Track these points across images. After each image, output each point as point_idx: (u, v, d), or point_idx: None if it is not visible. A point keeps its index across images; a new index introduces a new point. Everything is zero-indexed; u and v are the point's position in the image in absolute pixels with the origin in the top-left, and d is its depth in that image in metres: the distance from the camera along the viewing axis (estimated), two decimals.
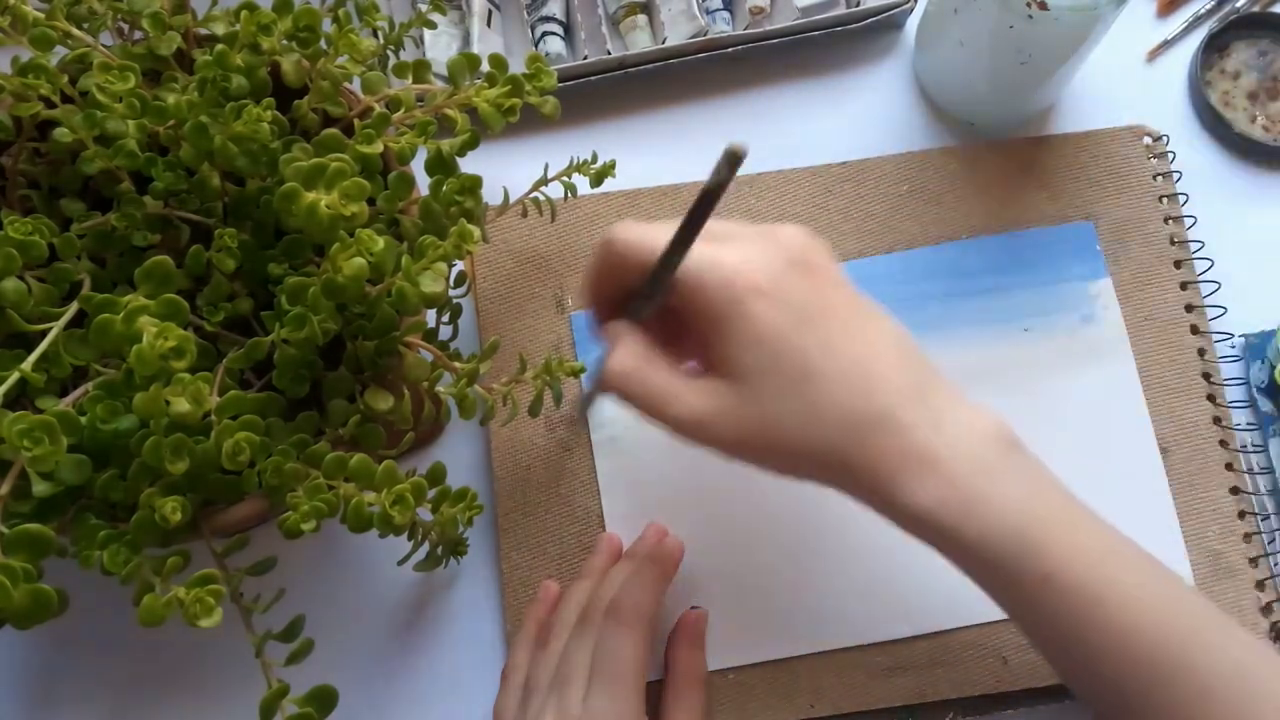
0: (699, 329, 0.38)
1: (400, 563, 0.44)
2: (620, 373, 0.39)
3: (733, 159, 0.32)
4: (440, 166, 0.43)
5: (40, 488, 0.35)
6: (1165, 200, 0.55)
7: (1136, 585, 0.36)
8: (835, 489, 0.38)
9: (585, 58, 0.55)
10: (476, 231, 0.38)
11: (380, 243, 0.36)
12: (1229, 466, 0.51)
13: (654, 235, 0.37)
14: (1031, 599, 0.36)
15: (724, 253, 0.37)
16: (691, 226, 0.35)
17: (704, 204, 0.34)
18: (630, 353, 0.39)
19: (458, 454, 0.53)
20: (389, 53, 0.46)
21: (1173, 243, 0.55)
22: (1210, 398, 0.52)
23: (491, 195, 0.45)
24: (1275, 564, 0.50)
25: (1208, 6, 0.60)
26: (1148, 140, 0.56)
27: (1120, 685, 0.36)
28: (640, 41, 0.57)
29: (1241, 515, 0.50)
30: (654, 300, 0.38)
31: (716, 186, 0.33)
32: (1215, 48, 0.58)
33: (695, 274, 0.36)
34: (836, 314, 0.37)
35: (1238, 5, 0.59)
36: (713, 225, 0.35)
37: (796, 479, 0.39)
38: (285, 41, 0.41)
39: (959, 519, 0.36)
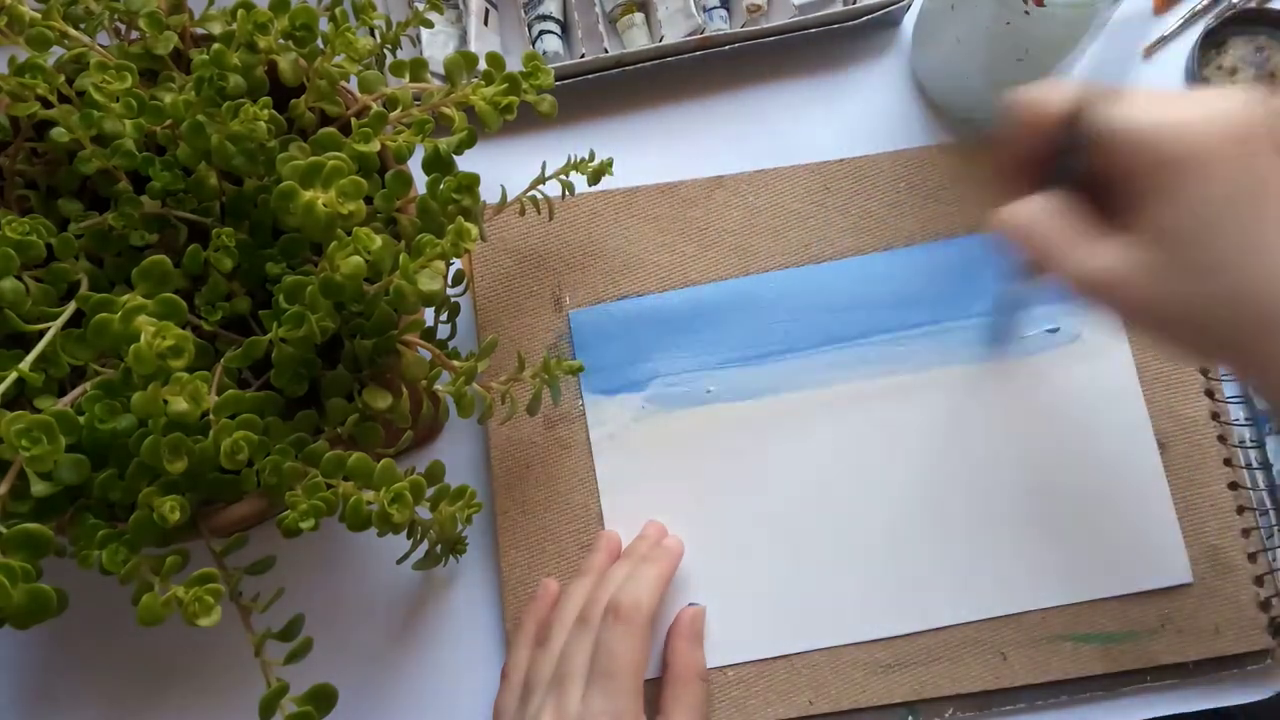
0: (1121, 190, 0.36)
1: (399, 561, 0.44)
2: (1028, 216, 0.37)
3: None
4: (438, 165, 0.43)
5: (39, 487, 0.35)
6: None
7: None
8: (1232, 372, 0.37)
9: (582, 56, 0.55)
10: (474, 230, 0.39)
11: (378, 241, 0.36)
12: (1227, 462, 0.51)
13: (1054, 93, 0.36)
14: None
15: (1168, 109, 0.35)
16: (1126, 61, 0.35)
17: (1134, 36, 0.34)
18: (1038, 200, 0.37)
19: (456, 452, 0.53)
20: (386, 51, 0.46)
21: None
22: (1208, 393, 0.52)
23: (489, 193, 0.45)
24: (1273, 559, 0.50)
25: (1204, 3, 0.60)
26: None
27: None
28: (637, 40, 0.57)
29: (1240, 511, 0.50)
30: (1071, 158, 0.36)
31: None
32: (1212, 44, 0.58)
33: (1135, 126, 0.35)
34: (1276, 197, 0.34)
35: (1234, 1, 0.59)
36: (1146, 90, 0.35)
37: (1189, 358, 0.37)
38: (282, 40, 0.41)
39: None
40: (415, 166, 0.44)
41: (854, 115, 0.58)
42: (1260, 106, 0.35)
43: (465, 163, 0.43)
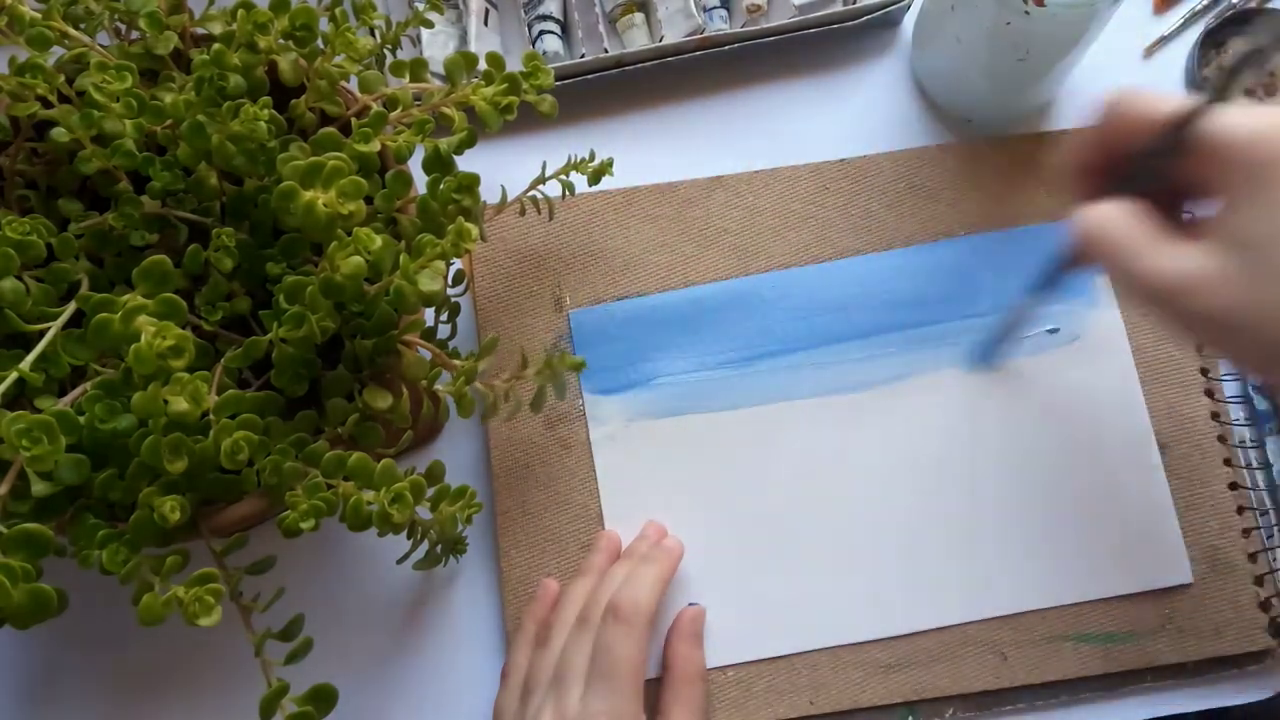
0: (1203, 194, 0.36)
1: (399, 561, 0.44)
2: (1098, 217, 0.36)
3: None
4: (438, 165, 0.43)
5: (39, 487, 0.35)
6: None
7: None
8: None
9: (582, 56, 0.55)
10: (474, 230, 0.39)
11: (378, 241, 0.37)
12: (1227, 462, 0.51)
13: (1161, 97, 0.36)
14: None
15: (1256, 114, 0.35)
16: (1226, 83, 0.34)
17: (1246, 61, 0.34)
18: (1111, 204, 0.37)
19: (457, 452, 0.53)
20: (386, 51, 0.46)
21: None
22: (1209, 393, 0.52)
23: (489, 193, 0.45)
24: (1273, 559, 0.50)
25: (1204, 3, 0.60)
26: None
27: None
28: (637, 40, 0.57)
29: (1240, 511, 0.50)
30: (1160, 162, 0.36)
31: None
32: (1212, 44, 0.58)
33: (1221, 132, 0.35)
34: None
35: (1234, 1, 0.59)
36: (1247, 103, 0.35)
37: (1260, 372, 0.36)
38: (282, 40, 0.41)
39: None
40: (415, 166, 0.44)
41: (854, 115, 0.58)
42: None
43: (465, 163, 0.43)
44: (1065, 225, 0.38)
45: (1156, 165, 0.37)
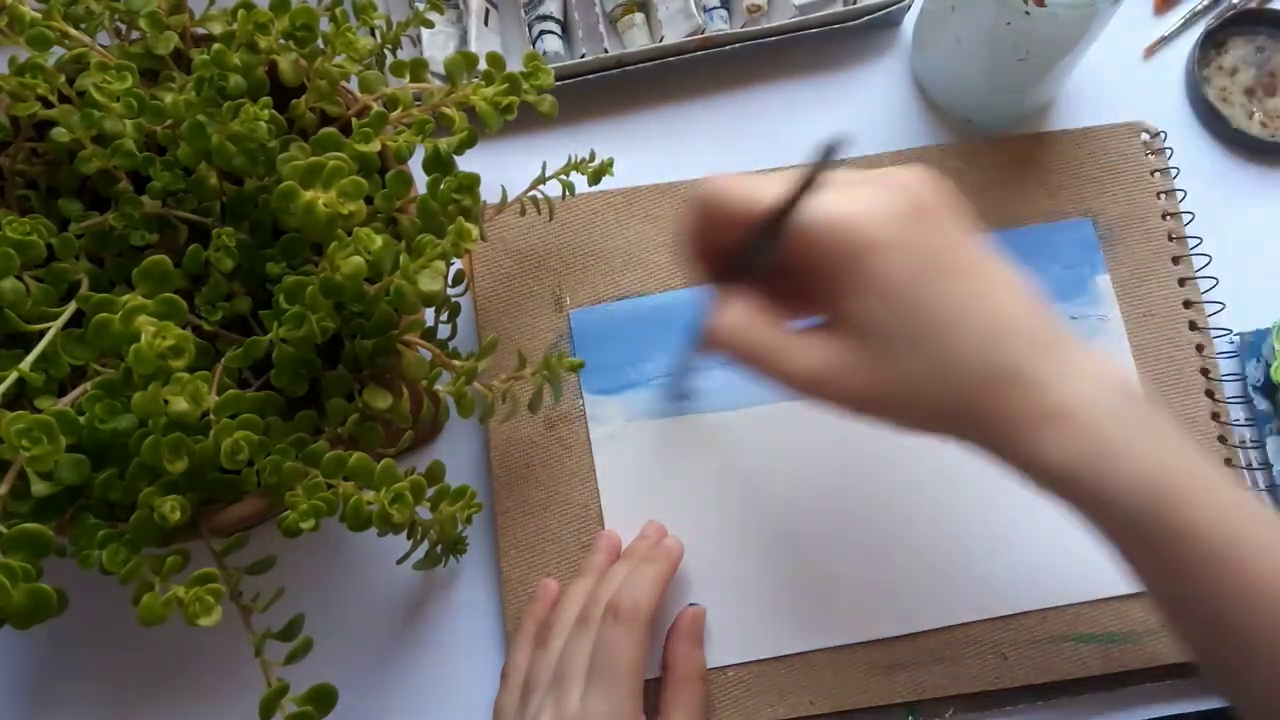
0: (814, 283, 0.36)
1: (399, 561, 0.44)
2: (726, 328, 0.37)
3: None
4: (438, 165, 0.43)
5: (39, 487, 0.35)
6: (1163, 196, 0.55)
7: (1274, 536, 0.34)
8: (962, 443, 0.36)
9: (583, 56, 0.55)
10: (474, 230, 0.39)
11: (378, 241, 0.37)
12: (1228, 462, 0.51)
13: (754, 186, 0.36)
14: (1165, 553, 0.35)
15: (838, 202, 0.34)
16: (807, 180, 0.34)
17: (824, 158, 0.34)
18: (737, 308, 0.37)
19: (457, 452, 0.53)
20: (386, 51, 0.46)
21: (1171, 239, 0.55)
22: (1209, 393, 0.52)
23: (489, 193, 0.45)
24: None
25: (1205, 3, 0.60)
26: (1145, 137, 0.56)
27: (1255, 644, 0.34)
28: (637, 40, 0.57)
29: None
30: (761, 256, 0.36)
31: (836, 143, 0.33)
32: (1212, 44, 0.58)
33: (809, 226, 0.34)
34: (960, 263, 0.35)
35: (1234, 1, 0.59)
36: (836, 179, 0.35)
37: (921, 435, 0.36)
38: (282, 40, 0.42)
39: (1093, 473, 0.34)
40: (416, 166, 0.44)
41: (854, 116, 0.58)
42: (932, 181, 0.36)
43: (465, 163, 0.43)
44: (1068, 225, 0.37)
45: (763, 253, 0.36)
